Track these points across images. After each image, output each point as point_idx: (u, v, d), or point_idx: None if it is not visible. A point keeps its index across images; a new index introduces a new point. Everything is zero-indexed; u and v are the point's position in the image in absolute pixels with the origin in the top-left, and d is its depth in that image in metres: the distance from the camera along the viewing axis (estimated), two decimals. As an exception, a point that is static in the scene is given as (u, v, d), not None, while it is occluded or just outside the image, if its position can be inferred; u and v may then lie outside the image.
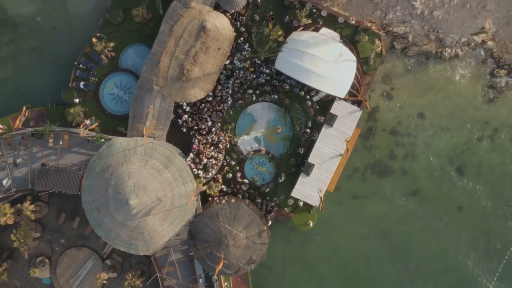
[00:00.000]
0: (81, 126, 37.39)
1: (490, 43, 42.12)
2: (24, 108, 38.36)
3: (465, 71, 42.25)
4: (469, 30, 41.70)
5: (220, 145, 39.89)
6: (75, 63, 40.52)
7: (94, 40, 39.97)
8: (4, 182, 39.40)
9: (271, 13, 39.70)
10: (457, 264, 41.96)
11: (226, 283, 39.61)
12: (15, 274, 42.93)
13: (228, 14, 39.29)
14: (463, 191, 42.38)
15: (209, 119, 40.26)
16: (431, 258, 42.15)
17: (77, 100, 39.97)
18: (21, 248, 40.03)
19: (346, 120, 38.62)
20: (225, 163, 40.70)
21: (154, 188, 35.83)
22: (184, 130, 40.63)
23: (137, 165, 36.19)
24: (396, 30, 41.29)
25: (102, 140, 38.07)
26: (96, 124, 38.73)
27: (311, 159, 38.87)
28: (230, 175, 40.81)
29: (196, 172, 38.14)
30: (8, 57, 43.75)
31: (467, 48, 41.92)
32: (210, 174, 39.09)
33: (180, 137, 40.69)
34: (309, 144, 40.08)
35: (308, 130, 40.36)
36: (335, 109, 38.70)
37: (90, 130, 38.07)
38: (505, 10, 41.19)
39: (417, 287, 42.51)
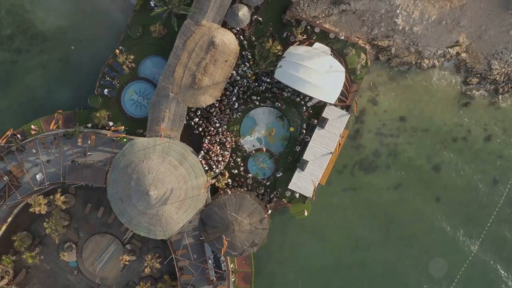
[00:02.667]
0: (111, 130, 41.94)
1: (463, 55, 45.53)
2: (56, 114, 42.75)
3: (441, 80, 45.89)
4: (445, 44, 45.07)
5: (226, 144, 43.83)
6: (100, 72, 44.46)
7: (116, 52, 43.83)
8: (38, 177, 43.29)
9: (271, 28, 43.72)
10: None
11: (231, 265, 43.68)
12: (45, 258, 46.90)
13: (233, 30, 43.14)
14: (440, 184, 46.13)
15: (217, 122, 44.04)
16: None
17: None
18: (52, 234, 44.29)
19: (336, 122, 42.66)
20: (231, 160, 44.66)
21: (171, 181, 40.06)
22: (196, 131, 44.33)
23: (155, 162, 40.23)
24: (380, 44, 44.99)
25: (125, 140, 42.25)
26: (122, 127, 43.13)
27: (305, 156, 42.92)
28: (236, 170, 44.75)
29: (206, 168, 42.53)
30: (38, 66, 47.43)
31: (443, 59, 45.55)
32: (218, 169, 43.40)
33: (192, 138, 44.38)
34: (304, 144, 43.98)
35: (304, 131, 44.37)
36: (326, 113, 42.70)
37: (114, 131, 42.48)
38: (477, 25, 44.60)
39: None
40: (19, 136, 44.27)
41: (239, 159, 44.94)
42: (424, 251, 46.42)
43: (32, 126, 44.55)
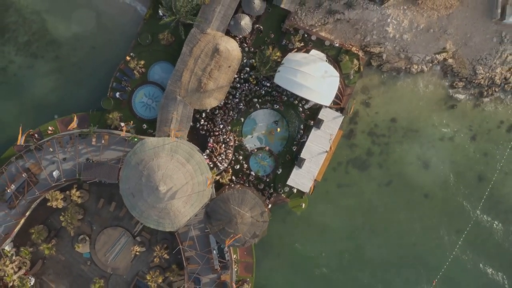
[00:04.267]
0: (123, 130, 44.54)
1: (450, 60, 47.35)
2: (74, 117, 45.20)
3: (429, 84, 47.90)
4: (432, 50, 47.12)
5: (230, 143, 46.16)
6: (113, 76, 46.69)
7: (128, 58, 46.10)
8: (54, 174, 45.67)
9: (272, 35, 46.26)
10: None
11: (234, 255, 46.01)
12: (60, 249, 48.81)
13: (236, 38, 45.65)
14: (429, 180, 48.48)
15: (221, 123, 46.42)
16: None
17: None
18: (68, 227, 46.59)
19: (331, 123, 45.05)
20: (234, 158, 47.04)
21: (178, 177, 42.61)
22: (201, 132, 46.69)
23: (164, 159, 42.71)
24: (372, 50, 47.21)
25: (136, 139, 44.76)
26: (130, 123, 45.77)
27: (303, 154, 45.31)
28: (238, 167, 47.21)
29: (211, 165, 44.98)
30: (54, 71, 49.38)
31: (431, 64, 47.53)
32: (222, 166, 45.95)
33: (198, 137, 46.70)
34: (301, 143, 46.36)
35: (301, 131, 46.71)
36: (322, 115, 45.11)
37: (126, 131, 45.16)
38: (463, 33, 46.75)
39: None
40: (36, 135, 46.56)
41: (241, 157, 47.25)
42: (412, 244, 48.99)
43: (49, 127, 46.81)
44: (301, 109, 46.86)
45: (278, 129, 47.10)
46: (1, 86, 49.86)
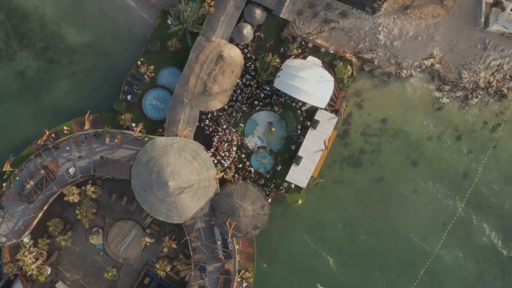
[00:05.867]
0: (138, 129, 47.28)
1: (437, 65, 49.33)
2: (90, 117, 48.22)
3: (418, 87, 50.06)
4: (421, 56, 49.16)
5: (233, 142, 48.70)
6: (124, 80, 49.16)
7: (138, 63, 48.61)
8: (71, 170, 48.25)
9: (272, 42, 48.38)
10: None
11: (237, 246, 48.52)
12: (75, 241, 51.18)
13: (239, 45, 48.09)
14: (417, 177, 50.89)
15: (224, 123, 48.78)
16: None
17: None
18: (83, 220, 49.30)
19: (326, 124, 47.56)
20: (236, 156, 49.50)
21: (186, 174, 45.31)
22: (207, 132, 49.13)
23: (173, 157, 45.34)
24: (365, 56, 49.36)
25: (146, 139, 47.41)
26: (141, 124, 48.32)
27: (300, 152, 47.78)
28: (241, 165, 49.60)
29: (216, 162, 47.73)
30: (68, 75, 51.80)
31: (419, 69, 49.59)
32: (226, 164, 48.71)
33: (204, 137, 49.12)
34: (299, 142, 48.68)
35: (299, 131, 48.98)
36: (318, 116, 47.52)
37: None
38: (449, 40, 48.98)
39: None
40: (52, 135, 49.12)
41: (243, 155, 49.71)
42: (402, 235, 51.76)
43: (65, 127, 49.40)
44: (298, 111, 49.21)
45: (273, 129, 49.16)
46: (20, 88, 52.38)
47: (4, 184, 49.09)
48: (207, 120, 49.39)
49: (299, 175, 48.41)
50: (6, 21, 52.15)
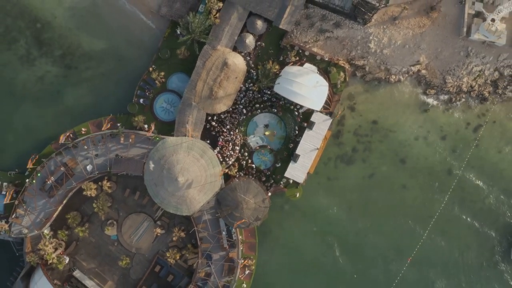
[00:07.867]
0: (151, 128, 50.45)
1: (423, 71, 51.55)
2: (107, 119, 51.28)
3: (406, 91, 52.56)
4: (408, 63, 51.39)
5: (236, 142, 50.93)
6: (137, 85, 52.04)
7: (150, 69, 51.46)
8: (88, 167, 51.37)
9: (271, 50, 51.45)
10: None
11: (240, 236, 51.33)
12: (91, 232, 53.92)
13: (242, 53, 50.89)
14: (406, 173, 53.55)
15: (228, 125, 51.07)
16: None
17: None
18: (99, 213, 52.46)
19: (322, 125, 49.71)
20: (239, 154, 51.71)
21: (194, 170, 48.19)
22: (212, 132, 51.34)
23: (182, 155, 48.02)
24: (357, 63, 51.69)
25: (157, 138, 50.51)
26: (153, 125, 51.50)
27: (298, 151, 49.87)
28: (243, 162, 51.79)
29: (221, 160, 50.74)
30: (84, 80, 54.52)
31: (407, 75, 51.87)
32: (230, 161, 51.66)
33: (210, 137, 51.45)
34: (296, 142, 50.74)
35: (297, 132, 51.72)
36: (314, 118, 49.49)
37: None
38: (434, 48, 51.38)
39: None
40: (71, 135, 52.50)
41: (246, 154, 51.94)
42: (391, 227, 55.07)
43: (82, 128, 52.54)
44: (296, 113, 51.49)
45: (268, 132, 51.76)
46: (40, 92, 55.28)
47: (27, 180, 52.21)
48: (213, 122, 51.71)
49: (297, 171, 50.69)
50: (26, 29, 55.20)
